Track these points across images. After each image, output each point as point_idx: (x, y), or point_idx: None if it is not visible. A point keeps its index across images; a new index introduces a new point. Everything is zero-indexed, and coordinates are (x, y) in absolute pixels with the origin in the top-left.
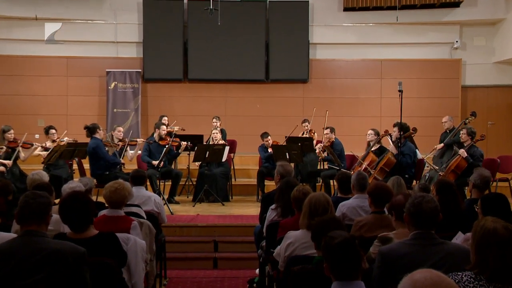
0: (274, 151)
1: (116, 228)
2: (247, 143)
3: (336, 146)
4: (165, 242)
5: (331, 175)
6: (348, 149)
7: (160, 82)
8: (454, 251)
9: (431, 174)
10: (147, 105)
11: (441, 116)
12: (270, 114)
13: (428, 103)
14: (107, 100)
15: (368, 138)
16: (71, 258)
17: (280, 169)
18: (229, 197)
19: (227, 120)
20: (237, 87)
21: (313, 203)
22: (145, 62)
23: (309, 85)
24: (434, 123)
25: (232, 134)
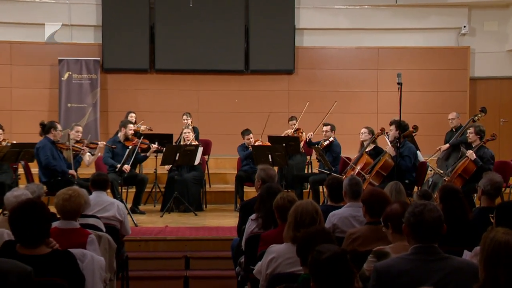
0: (255, 152)
1: (70, 242)
2: (224, 143)
3: (335, 148)
4: (127, 259)
5: (320, 180)
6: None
7: (123, 73)
8: (460, 267)
9: (435, 179)
10: (107, 99)
11: (446, 112)
12: (250, 110)
13: (431, 98)
14: (60, 94)
15: (362, 137)
16: (15, 278)
17: (261, 173)
18: (203, 206)
19: (200, 117)
20: (212, 79)
21: (299, 213)
22: (104, 49)
23: (295, 77)
24: (438, 120)
25: (206, 133)
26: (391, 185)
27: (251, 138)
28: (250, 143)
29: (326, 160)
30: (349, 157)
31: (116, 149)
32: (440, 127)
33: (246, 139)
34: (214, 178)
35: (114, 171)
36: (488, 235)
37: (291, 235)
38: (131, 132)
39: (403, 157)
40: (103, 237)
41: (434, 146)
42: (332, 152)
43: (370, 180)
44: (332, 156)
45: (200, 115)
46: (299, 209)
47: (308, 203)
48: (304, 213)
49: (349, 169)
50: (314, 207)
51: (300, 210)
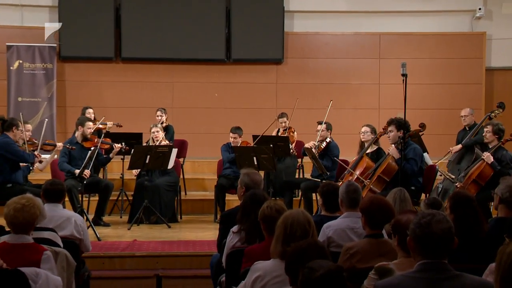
0: (238, 155)
1: (22, 260)
2: (202, 144)
3: (333, 150)
4: (89, 278)
5: (313, 186)
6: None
7: (83, 62)
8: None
9: (446, 185)
10: (64, 92)
11: (458, 108)
12: (232, 105)
13: (441, 91)
14: (8, 85)
15: (363, 137)
16: None
17: (245, 178)
18: (177, 217)
19: (174, 114)
20: (188, 69)
21: (289, 224)
22: (62, 34)
23: (285, 67)
24: (449, 117)
25: (182, 132)
26: (395, 192)
27: (238, 138)
28: (235, 144)
29: (320, 164)
30: (346, 160)
31: (73, 151)
32: (451, 125)
33: (231, 136)
34: (190, 184)
35: (73, 176)
36: (505, 249)
37: (279, 250)
38: (90, 131)
39: (407, 160)
40: (60, 253)
41: (445, 147)
42: (331, 155)
43: (370, 187)
44: (330, 160)
45: (175, 111)
46: (288, 220)
47: (299, 213)
48: (294, 224)
49: (346, 174)
50: (306, 217)
51: (290, 221)
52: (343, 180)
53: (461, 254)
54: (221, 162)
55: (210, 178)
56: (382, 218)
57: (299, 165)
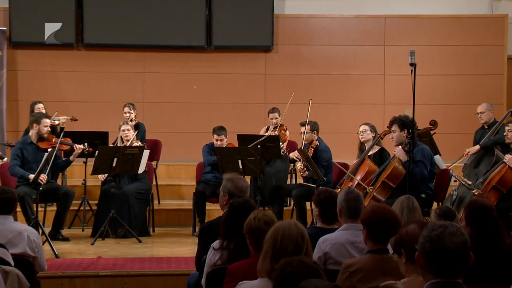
0: (220, 157)
1: None
2: (178, 145)
3: (322, 154)
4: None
5: (308, 194)
6: (335, 155)
7: (38, 49)
8: None
9: (461, 192)
10: (16, 84)
11: (475, 103)
12: (214, 99)
13: (455, 84)
14: None
15: (362, 137)
16: None
17: (228, 185)
18: (149, 230)
19: (146, 110)
20: (162, 57)
21: (279, 238)
22: (12, 16)
23: (274, 56)
24: (464, 114)
25: (155, 130)
26: (402, 201)
27: (224, 139)
28: (221, 146)
29: (315, 168)
30: (346, 163)
31: (26, 150)
32: (468, 123)
33: (215, 139)
34: (164, 192)
35: (26, 182)
36: None
37: (267, 267)
38: (47, 130)
39: (415, 163)
40: (11, 273)
41: (460, 148)
42: (321, 160)
43: (373, 194)
44: (322, 167)
45: (146, 106)
46: (278, 233)
47: (291, 225)
48: (285, 238)
49: (346, 179)
50: (299, 230)
51: (280, 235)
52: (342, 186)
53: (479, 272)
54: (201, 165)
55: (188, 185)
56: (387, 230)
57: (291, 169)
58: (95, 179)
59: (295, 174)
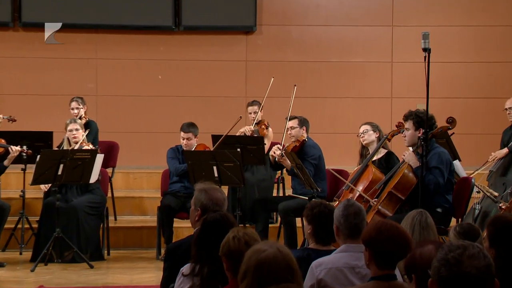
0: (192, 163)
1: None
2: (140, 147)
3: (310, 151)
4: None
5: (298, 207)
6: (330, 160)
7: None
8: None
9: (486, 205)
10: None
11: (503, 97)
12: (183, 92)
13: (478, 73)
14: None
15: (363, 139)
16: None
17: (201, 197)
18: (104, 253)
19: (100, 104)
20: (119, 40)
21: (263, 264)
22: None
23: (258, 38)
24: (489, 110)
25: (110, 130)
26: (413, 217)
27: (193, 139)
28: (187, 147)
29: (308, 176)
30: (345, 170)
31: None
32: (493, 121)
33: (181, 137)
34: (122, 206)
35: None
36: None
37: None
38: None
39: (429, 170)
40: None
41: (484, 152)
42: (308, 157)
43: (378, 208)
44: (311, 165)
45: (100, 100)
46: (261, 258)
47: (275, 254)
48: (271, 264)
49: (345, 190)
50: (287, 254)
51: (264, 259)
52: (340, 199)
53: None
54: (167, 173)
55: (151, 197)
56: (395, 252)
57: (279, 177)
58: (37, 190)
59: (283, 184)
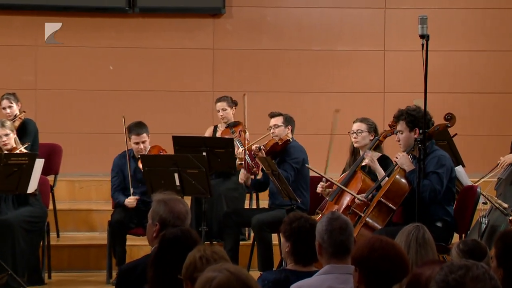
0: (147, 169)
1: None
2: (86, 150)
3: (293, 153)
4: None
5: (274, 221)
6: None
7: None
8: None
9: (494, 219)
10: None
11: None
12: (138, 86)
13: (485, 63)
14: None
15: (356, 141)
16: None
17: (159, 209)
18: (44, 276)
19: (39, 100)
20: (63, 24)
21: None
22: None
23: (227, 23)
24: (498, 107)
25: (52, 130)
26: (409, 232)
27: (146, 141)
28: (143, 151)
29: (286, 185)
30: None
31: None
32: (503, 120)
33: (134, 141)
34: (67, 221)
35: None
36: None
37: None
38: None
39: (427, 175)
40: None
41: (491, 157)
42: (290, 159)
43: (367, 221)
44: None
45: (40, 95)
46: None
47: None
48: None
49: (329, 201)
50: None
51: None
52: (324, 211)
53: None
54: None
55: (101, 210)
56: (391, 274)
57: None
58: None
59: (257, 194)
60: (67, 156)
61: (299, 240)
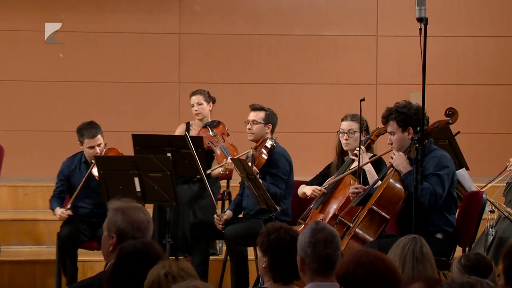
0: (103, 173)
1: None
2: (32, 151)
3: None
4: None
5: (250, 233)
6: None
7: None
8: None
9: (502, 230)
10: None
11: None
12: (93, 77)
13: (492, 52)
14: None
15: (346, 143)
16: None
17: (116, 219)
18: None
19: None
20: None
21: None
22: None
23: (195, 4)
24: (507, 100)
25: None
26: (404, 245)
27: (101, 144)
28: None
29: (263, 191)
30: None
31: None
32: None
33: (88, 146)
34: (8, 232)
35: None
36: None
37: None
38: None
39: (425, 177)
40: None
41: (500, 158)
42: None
43: (356, 232)
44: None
45: None
46: None
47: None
48: None
49: (313, 209)
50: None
51: None
52: (307, 221)
53: None
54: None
55: (49, 220)
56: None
57: (224, 192)
58: None
59: (230, 201)
60: (9, 157)
61: (278, 255)
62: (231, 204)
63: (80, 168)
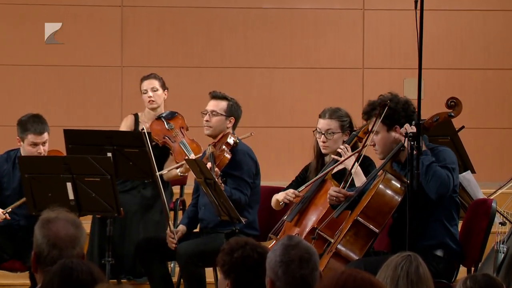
0: (28, 177)
1: None
2: None
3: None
4: None
5: (208, 251)
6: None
7: None
8: None
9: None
10: None
11: None
12: (16, 60)
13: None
14: None
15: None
16: None
17: (37, 231)
18: None
19: None
20: None
21: None
22: None
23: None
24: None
25: None
26: (397, 264)
27: (46, 141)
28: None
29: (226, 199)
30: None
31: None
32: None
33: (31, 142)
34: None
35: None
36: None
37: None
38: None
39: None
40: None
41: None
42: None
43: (338, 248)
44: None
45: None
46: None
47: None
48: None
49: (287, 221)
50: None
51: None
52: (279, 236)
53: None
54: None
55: None
56: None
57: (176, 200)
58: None
59: (183, 210)
60: None
61: (243, 276)
62: (183, 217)
63: (14, 169)
